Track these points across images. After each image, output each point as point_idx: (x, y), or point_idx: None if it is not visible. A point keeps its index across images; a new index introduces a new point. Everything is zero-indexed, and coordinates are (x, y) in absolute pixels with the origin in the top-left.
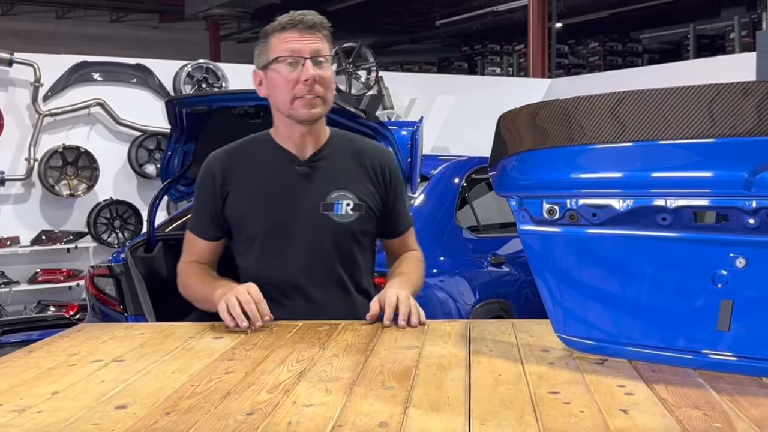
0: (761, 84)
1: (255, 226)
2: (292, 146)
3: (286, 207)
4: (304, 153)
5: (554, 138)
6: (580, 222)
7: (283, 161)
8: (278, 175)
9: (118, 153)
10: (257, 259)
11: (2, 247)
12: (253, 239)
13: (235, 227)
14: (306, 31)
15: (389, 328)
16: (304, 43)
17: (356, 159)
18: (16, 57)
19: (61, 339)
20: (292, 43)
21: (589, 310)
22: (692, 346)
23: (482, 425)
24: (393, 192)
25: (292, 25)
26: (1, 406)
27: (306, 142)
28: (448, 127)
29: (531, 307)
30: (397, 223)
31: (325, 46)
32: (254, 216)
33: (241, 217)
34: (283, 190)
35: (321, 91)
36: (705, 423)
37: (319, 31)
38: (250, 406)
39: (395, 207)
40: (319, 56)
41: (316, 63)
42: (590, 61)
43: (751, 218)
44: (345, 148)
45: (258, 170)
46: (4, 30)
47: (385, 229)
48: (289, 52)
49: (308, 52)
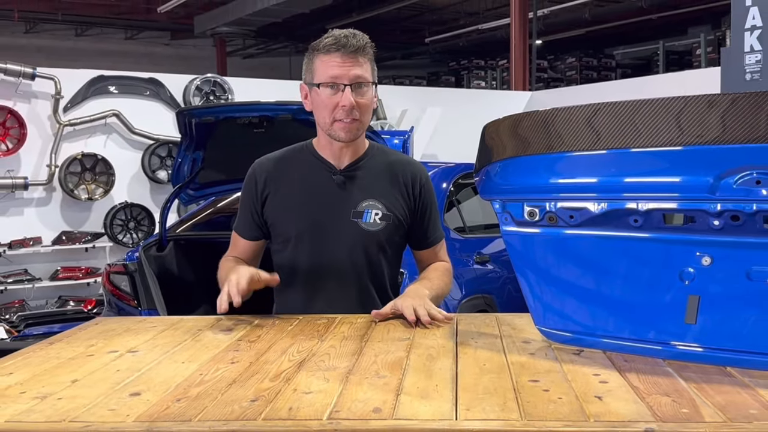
0: (725, 96)
1: (290, 227)
2: (330, 157)
3: (320, 212)
4: (341, 163)
5: (534, 146)
6: (558, 223)
7: (321, 170)
8: (315, 183)
9: (132, 160)
10: (291, 259)
11: (26, 247)
12: (288, 240)
13: (272, 228)
14: (348, 57)
15: (383, 322)
16: (345, 68)
17: (389, 172)
18: (38, 71)
19: (80, 331)
20: (335, 69)
21: (567, 304)
22: (662, 338)
23: (468, 411)
24: (422, 204)
25: (337, 49)
26: (25, 393)
27: (344, 154)
28: (437, 136)
29: (513, 302)
30: (426, 235)
31: (366, 70)
32: (290, 218)
33: (278, 219)
34: (318, 196)
35: (358, 115)
36: (673, 409)
37: (362, 56)
38: (254, 393)
39: (424, 219)
40: (359, 82)
41: (357, 88)
42: (568, 75)
43: (716, 220)
44: (380, 160)
45: (297, 177)
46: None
47: (414, 239)
48: (330, 79)
49: (348, 78)
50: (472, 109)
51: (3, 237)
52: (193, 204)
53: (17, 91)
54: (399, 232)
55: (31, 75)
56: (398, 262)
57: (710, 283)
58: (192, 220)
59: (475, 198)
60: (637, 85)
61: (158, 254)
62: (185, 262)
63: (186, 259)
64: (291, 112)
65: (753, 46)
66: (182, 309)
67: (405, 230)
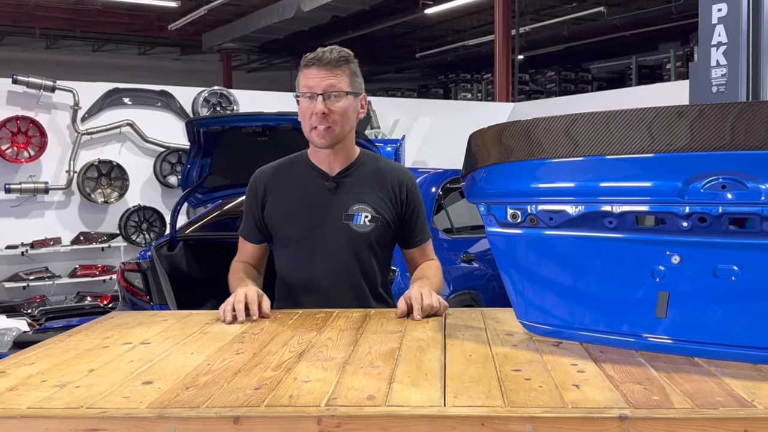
0: (693, 107)
1: (288, 230)
2: (323, 164)
3: (314, 216)
4: (333, 170)
5: (517, 153)
6: (539, 225)
7: (314, 177)
8: (310, 189)
9: (145, 166)
10: (289, 261)
11: (46, 247)
12: (286, 242)
13: (272, 231)
14: (323, 68)
15: (376, 315)
16: (318, 80)
17: (378, 177)
18: (57, 84)
19: (97, 324)
20: (310, 80)
21: (547, 300)
22: (634, 330)
23: (455, 398)
24: (409, 207)
25: (313, 63)
26: (45, 381)
27: (334, 161)
28: (427, 144)
29: (497, 298)
30: (414, 235)
31: (340, 81)
32: (287, 222)
33: (277, 223)
34: (312, 201)
35: (333, 121)
36: (645, 396)
37: (337, 68)
38: (257, 382)
39: (411, 220)
40: (332, 91)
41: (328, 98)
42: (547, 87)
43: (684, 222)
44: (370, 167)
45: (294, 184)
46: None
47: (403, 239)
48: (306, 89)
49: (321, 88)
50: (459, 119)
51: (25, 237)
52: (201, 207)
53: (38, 103)
54: (388, 233)
55: (51, 88)
56: (388, 260)
57: (679, 280)
58: (200, 222)
59: (462, 201)
60: (612, 97)
61: (169, 253)
62: (194, 261)
63: (195, 257)
64: (291, 122)
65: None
66: (191, 304)
67: (393, 231)
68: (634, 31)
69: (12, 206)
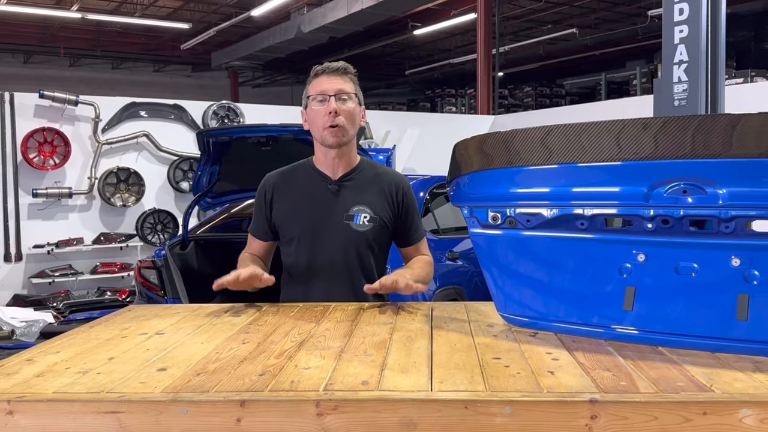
0: (657, 120)
1: (293, 229)
2: (326, 169)
3: (318, 216)
4: (335, 174)
5: (497, 161)
6: (517, 226)
7: (318, 181)
8: (314, 191)
9: (159, 173)
10: (294, 256)
11: (70, 246)
12: (291, 240)
13: (279, 230)
14: (332, 75)
15: (370, 308)
16: (329, 84)
17: (376, 182)
18: (80, 98)
19: (116, 317)
20: (322, 85)
21: (524, 294)
22: (604, 322)
23: (441, 383)
24: (404, 209)
25: (323, 72)
26: (69, 368)
27: (337, 166)
28: (415, 153)
29: (479, 292)
30: (409, 233)
31: (347, 86)
32: (293, 221)
33: (283, 222)
34: (316, 203)
35: (343, 121)
36: (613, 381)
37: (344, 75)
38: (261, 369)
39: (407, 221)
40: (342, 94)
41: (339, 99)
42: (525, 101)
43: (649, 223)
44: (369, 173)
45: (299, 187)
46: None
47: (399, 238)
48: (318, 92)
49: (332, 90)
50: (445, 130)
51: (51, 237)
52: (211, 210)
53: (63, 116)
54: (385, 233)
55: (74, 102)
56: (385, 258)
57: (644, 277)
58: (210, 224)
59: (447, 205)
60: (583, 110)
61: (181, 252)
62: (204, 259)
63: (205, 256)
64: (292, 133)
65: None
66: (201, 298)
67: (390, 231)
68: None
69: (39, 209)
